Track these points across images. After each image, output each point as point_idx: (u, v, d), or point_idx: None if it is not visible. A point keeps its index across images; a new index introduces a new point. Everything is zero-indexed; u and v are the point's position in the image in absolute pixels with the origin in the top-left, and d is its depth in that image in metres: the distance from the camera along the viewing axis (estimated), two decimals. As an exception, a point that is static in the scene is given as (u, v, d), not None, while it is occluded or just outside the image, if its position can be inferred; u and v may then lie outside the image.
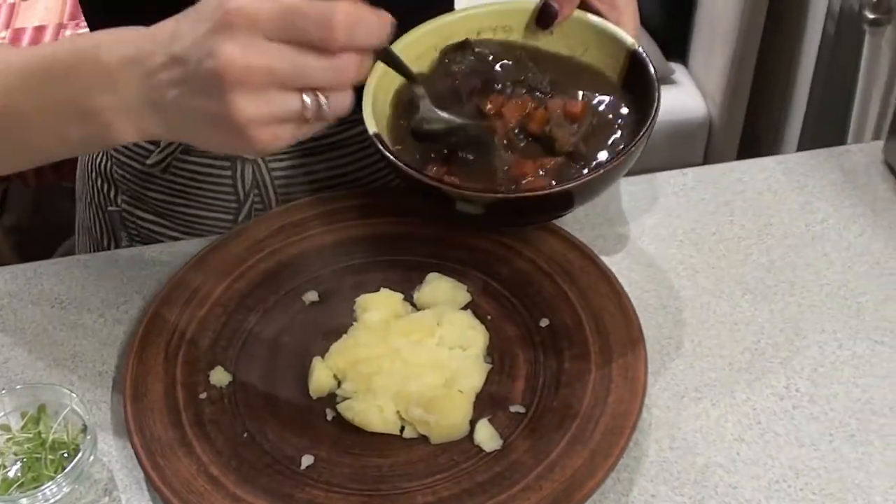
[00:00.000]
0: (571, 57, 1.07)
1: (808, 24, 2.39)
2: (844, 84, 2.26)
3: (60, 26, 2.60)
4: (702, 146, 2.67)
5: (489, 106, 1.01)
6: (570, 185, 0.94)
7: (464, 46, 1.07)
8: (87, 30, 1.12)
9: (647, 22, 2.64)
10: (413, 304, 1.06)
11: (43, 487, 0.90)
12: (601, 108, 1.03)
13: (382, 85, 1.01)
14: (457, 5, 1.14)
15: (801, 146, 2.48)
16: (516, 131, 1.01)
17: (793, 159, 1.26)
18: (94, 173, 1.31)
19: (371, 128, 0.96)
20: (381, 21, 0.75)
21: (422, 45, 1.06)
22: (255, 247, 1.11)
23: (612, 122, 1.02)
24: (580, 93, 1.04)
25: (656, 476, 0.94)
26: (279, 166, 1.22)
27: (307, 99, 0.74)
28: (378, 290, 1.05)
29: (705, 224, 1.18)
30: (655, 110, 0.97)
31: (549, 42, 1.08)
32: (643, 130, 0.95)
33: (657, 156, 2.59)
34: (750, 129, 2.65)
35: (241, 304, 1.07)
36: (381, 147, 0.95)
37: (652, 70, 1.00)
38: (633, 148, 0.94)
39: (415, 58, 1.04)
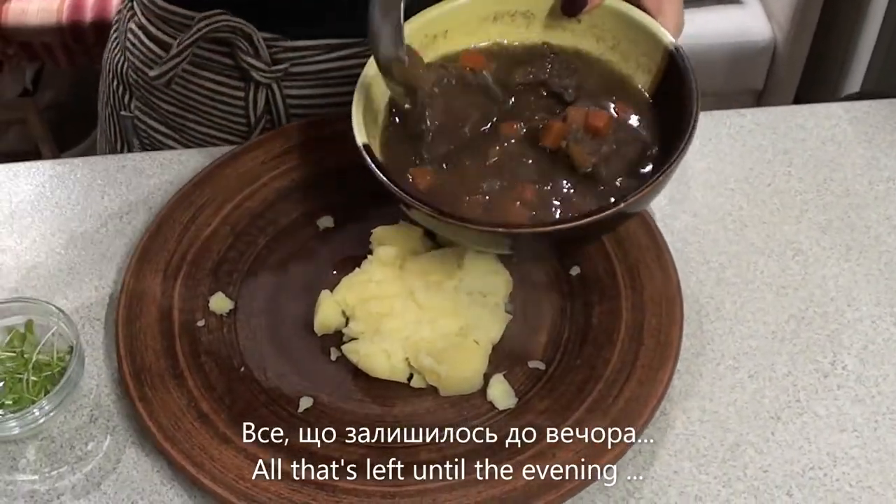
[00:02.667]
0: (600, 57, 0.93)
1: (888, -49, 2.25)
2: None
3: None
4: (763, 72, 2.54)
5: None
6: (581, 221, 0.79)
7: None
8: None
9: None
10: (434, 241, 0.98)
11: (24, 411, 0.84)
12: (629, 120, 0.88)
13: (373, 94, 0.89)
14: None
15: (867, 82, 2.35)
16: (527, 144, 0.88)
17: (862, 107, 1.16)
18: (111, 74, 1.24)
19: (360, 138, 0.84)
20: None
21: (431, 28, 0.92)
22: (271, 163, 1.03)
23: (639, 139, 0.88)
24: (606, 103, 0.90)
25: (681, 450, 0.87)
26: (294, 94, 1.13)
27: None
28: (397, 221, 0.97)
29: (760, 173, 1.08)
30: (691, 129, 0.82)
31: (574, 33, 0.94)
32: (675, 155, 0.81)
33: (716, 79, 2.47)
34: (815, 59, 2.51)
35: (251, 225, 1.00)
36: (368, 160, 0.83)
37: (691, 76, 0.85)
38: (661, 177, 0.80)
39: (422, 45, 0.91)
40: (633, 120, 0.89)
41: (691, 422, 0.89)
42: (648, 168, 0.86)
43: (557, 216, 0.84)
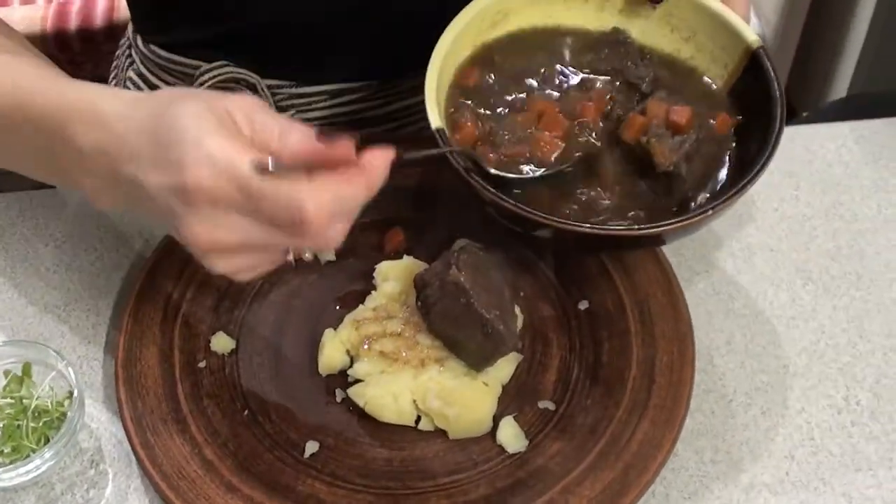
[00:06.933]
0: (672, 48, 0.92)
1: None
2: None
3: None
4: (751, 69, 2.52)
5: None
6: (658, 229, 0.79)
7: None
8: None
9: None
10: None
11: (25, 462, 0.81)
12: (705, 117, 0.87)
13: (445, 67, 0.87)
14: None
15: (856, 80, 2.33)
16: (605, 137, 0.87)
17: (869, 126, 1.14)
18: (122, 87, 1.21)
19: (434, 121, 0.81)
20: (359, 190, 0.68)
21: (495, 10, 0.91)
22: (270, 193, 1.00)
23: (717, 139, 0.87)
24: (680, 97, 0.88)
25: (695, 493, 0.85)
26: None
27: (286, 253, 0.72)
28: (402, 256, 0.95)
29: (767, 198, 1.06)
30: (777, 132, 0.80)
31: (647, 21, 0.92)
32: (763, 158, 0.80)
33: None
34: (803, 57, 2.49)
35: (251, 259, 0.97)
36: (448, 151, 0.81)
37: (774, 79, 0.84)
38: (748, 184, 0.78)
39: (485, 29, 0.90)
40: (707, 117, 0.88)
41: (704, 462, 0.87)
42: (724, 172, 0.85)
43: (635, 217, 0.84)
